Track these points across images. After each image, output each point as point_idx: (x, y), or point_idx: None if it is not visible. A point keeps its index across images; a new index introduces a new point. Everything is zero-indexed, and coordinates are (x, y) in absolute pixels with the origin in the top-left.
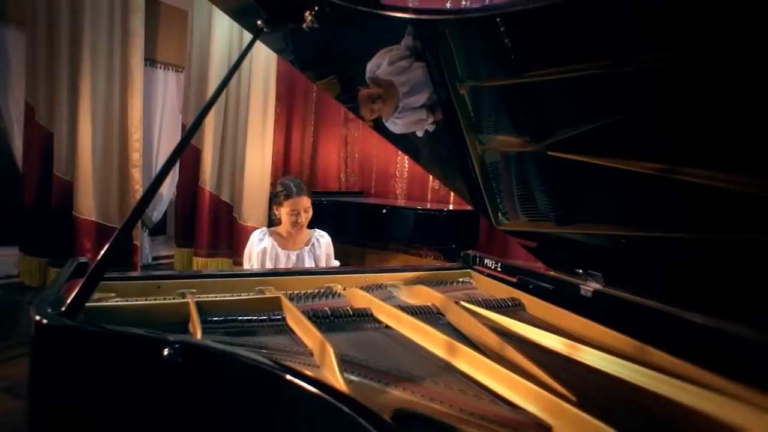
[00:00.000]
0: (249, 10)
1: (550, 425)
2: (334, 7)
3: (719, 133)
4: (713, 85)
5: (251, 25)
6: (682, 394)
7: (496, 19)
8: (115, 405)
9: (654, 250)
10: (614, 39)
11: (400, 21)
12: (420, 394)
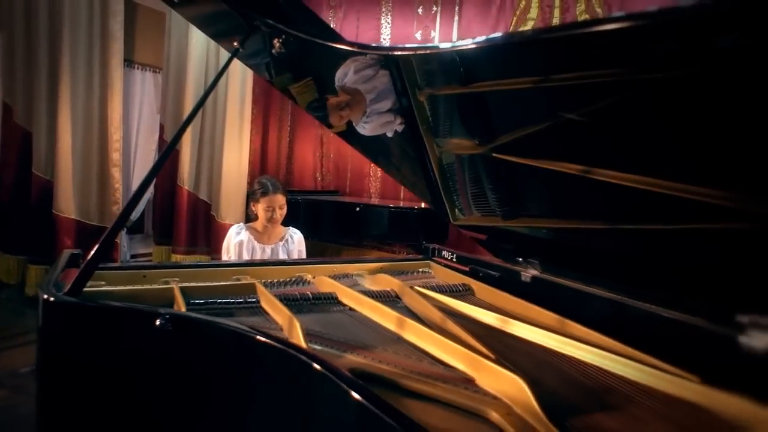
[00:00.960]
0: (227, 27)
1: (473, 377)
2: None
3: (624, 141)
4: (618, 100)
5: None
6: (588, 356)
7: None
8: (115, 369)
9: (580, 240)
10: (540, 62)
11: (352, 52)
12: (371, 358)
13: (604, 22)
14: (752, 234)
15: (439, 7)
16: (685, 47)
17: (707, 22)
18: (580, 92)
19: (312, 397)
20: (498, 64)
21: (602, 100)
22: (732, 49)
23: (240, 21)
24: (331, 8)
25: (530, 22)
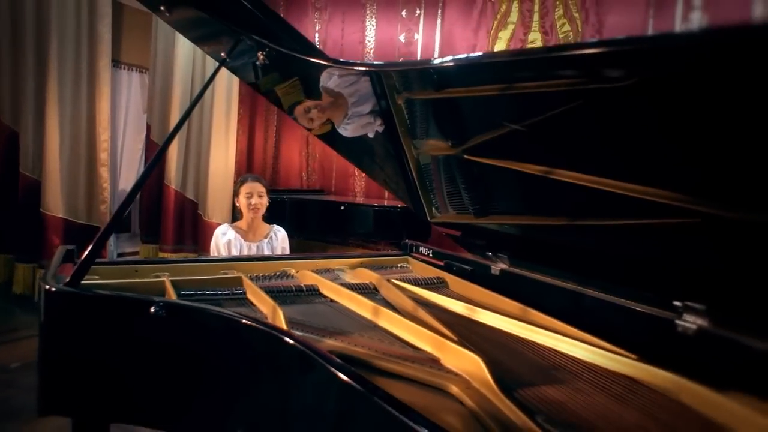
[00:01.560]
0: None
1: (438, 357)
2: (278, 51)
3: (578, 144)
4: (571, 108)
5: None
6: (544, 340)
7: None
8: (112, 352)
9: (543, 235)
10: (503, 73)
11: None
12: (347, 342)
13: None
14: (688, 228)
15: (422, 10)
16: (618, 70)
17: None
18: (538, 100)
19: (290, 372)
20: (466, 74)
21: (557, 107)
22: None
23: (226, 32)
24: (317, 10)
25: (510, 25)
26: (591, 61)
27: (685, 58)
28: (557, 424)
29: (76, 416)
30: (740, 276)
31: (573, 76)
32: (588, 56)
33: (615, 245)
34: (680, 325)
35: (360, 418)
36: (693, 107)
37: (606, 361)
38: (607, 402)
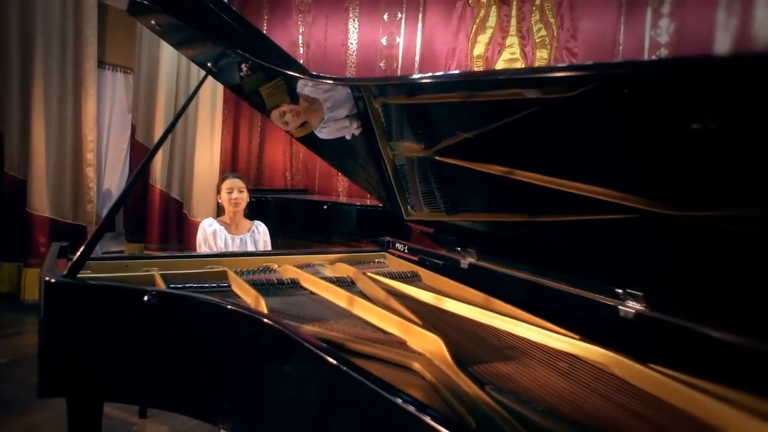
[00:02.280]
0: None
1: (405, 340)
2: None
3: (534, 148)
4: (526, 116)
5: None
6: (502, 324)
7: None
8: (106, 338)
9: (507, 230)
10: (465, 83)
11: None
12: (324, 327)
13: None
14: (629, 223)
15: (404, 14)
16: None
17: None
18: (499, 108)
19: (270, 350)
20: (435, 87)
21: (515, 114)
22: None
23: (213, 46)
24: (300, 13)
25: (489, 30)
26: (540, 81)
27: (618, 82)
28: (502, 392)
29: (73, 396)
30: (673, 265)
31: (525, 91)
32: (537, 79)
33: (567, 239)
34: (621, 310)
35: (329, 386)
36: (630, 119)
37: (554, 341)
38: (551, 375)
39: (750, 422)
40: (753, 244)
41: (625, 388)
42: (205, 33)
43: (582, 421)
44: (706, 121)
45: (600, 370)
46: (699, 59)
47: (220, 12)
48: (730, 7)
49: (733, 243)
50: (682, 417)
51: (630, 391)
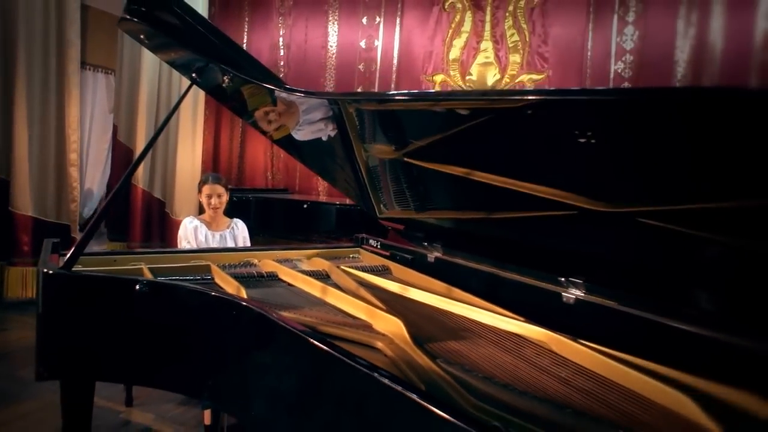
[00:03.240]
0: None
1: (370, 323)
2: (238, 77)
3: (489, 151)
4: (484, 123)
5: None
6: (459, 309)
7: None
8: (101, 324)
9: (469, 226)
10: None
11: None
12: (299, 314)
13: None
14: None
15: (382, 18)
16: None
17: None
18: (457, 115)
19: (249, 331)
20: (397, 101)
21: (472, 121)
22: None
23: (197, 59)
24: (281, 15)
25: (464, 34)
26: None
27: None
28: (450, 364)
29: (70, 378)
30: (607, 255)
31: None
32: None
33: (519, 234)
34: (564, 296)
35: (301, 359)
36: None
37: (503, 324)
38: (497, 351)
39: (658, 386)
40: (667, 235)
41: (560, 361)
42: (192, 48)
43: (515, 385)
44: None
45: (540, 347)
46: (613, 90)
47: (205, 30)
48: (689, 18)
49: (652, 235)
50: (606, 384)
51: (563, 364)
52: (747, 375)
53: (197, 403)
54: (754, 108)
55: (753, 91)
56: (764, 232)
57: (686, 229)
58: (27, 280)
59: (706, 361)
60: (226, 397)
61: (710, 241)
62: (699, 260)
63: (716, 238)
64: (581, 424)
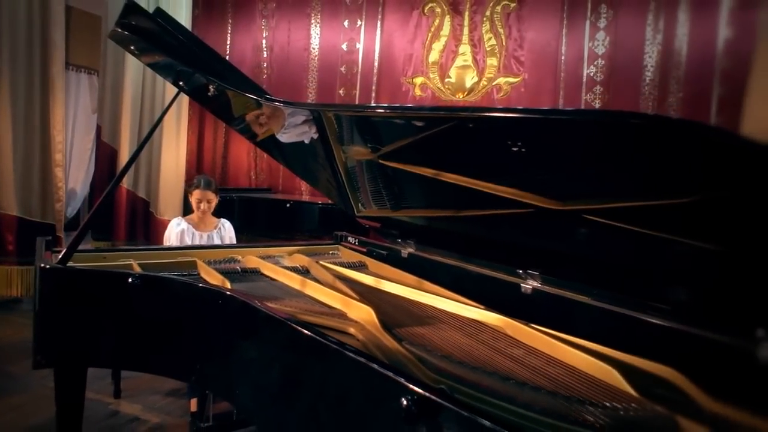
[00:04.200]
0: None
1: (345, 312)
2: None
3: (456, 154)
4: (448, 130)
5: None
6: (427, 299)
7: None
8: (96, 315)
9: (440, 224)
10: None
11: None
12: (280, 304)
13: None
14: (531, 216)
15: (363, 21)
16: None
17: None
18: (423, 122)
19: (233, 319)
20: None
21: (435, 129)
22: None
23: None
24: (264, 18)
25: (443, 38)
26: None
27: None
28: (414, 345)
29: (66, 365)
30: (562, 250)
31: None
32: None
33: (483, 230)
34: (522, 287)
35: (280, 342)
36: (515, 140)
37: (466, 312)
38: (457, 335)
39: (592, 361)
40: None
41: (513, 343)
42: (179, 59)
43: (469, 362)
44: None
45: (497, 331)
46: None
47: (191, 44)
48: (656, 25)
49: (595, 230)
50: (551, 361)
51: (516, 345)
52: (662, 349)
53: (183, 394)
54: (647, 131)
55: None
56: (677, 225)
57: (621, 224)
58: (12, 279)
59: (630, 337)
60: (213, 379)
61: (640, 234)
62: (631, 250)
63: (644, 231)
64: (519, 391)
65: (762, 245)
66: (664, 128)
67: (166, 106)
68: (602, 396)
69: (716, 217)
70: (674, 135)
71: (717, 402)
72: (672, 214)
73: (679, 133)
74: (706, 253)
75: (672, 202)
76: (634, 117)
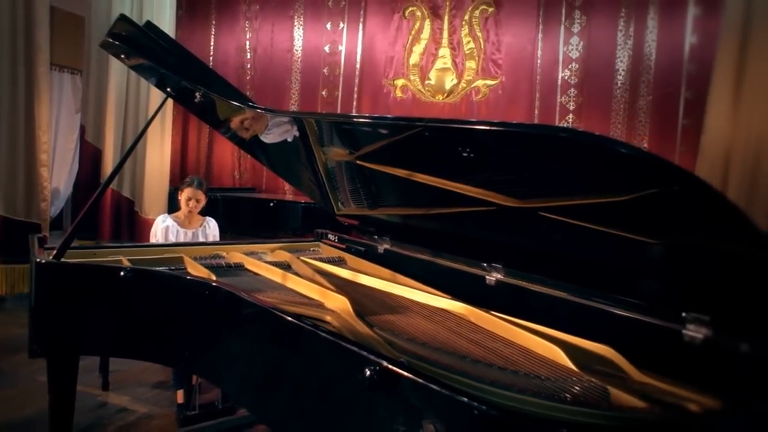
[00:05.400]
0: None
1: (323, 302)
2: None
3: (425, 157)
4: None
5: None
6: (399, 291)
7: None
8: (90, 307)
9: (413, 221)
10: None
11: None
12: (262, 295)
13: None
14: (493, 213)
15: (346, 24)
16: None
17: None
18: (388, 129)
19: (218, 306)
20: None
21: (400, 135)
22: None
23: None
24: (247, 19)
25: (423, 41)
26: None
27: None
28: (384, 330)
29: (60, 354)
30: (521, 244)
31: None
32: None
33: (452, 227)
34: (487, 279)
35: (262, 327)
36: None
37: (434, 301)
38: (424, 322)
39: (541, 342)
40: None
41: (475, 329)
42: (167, 68)
43: (432, 343)
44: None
45: (462, 318)
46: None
47: (179, 54)
48: (627, 31)
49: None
50: (507, 343)
51: (477, 331)
52: (603, 331)
53: (169, 386)
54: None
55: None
56: (612, 220)
57: (570, 219)
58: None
59: (577, 321)
60: (201, 364)
61: (585, 228)
62: (579, 243)
63: (589, 226)
64: (473, 367)
65: (680, 237)
66: (576, 140)
67: (154, 110)
68: (546, 371)
69: (642, 214)
70: (585, 146)
71: (645, 374)
72: (607, 211)
73: (583, 145)
74: (637, 244)
75: (604, 200)
76: (562, 131)
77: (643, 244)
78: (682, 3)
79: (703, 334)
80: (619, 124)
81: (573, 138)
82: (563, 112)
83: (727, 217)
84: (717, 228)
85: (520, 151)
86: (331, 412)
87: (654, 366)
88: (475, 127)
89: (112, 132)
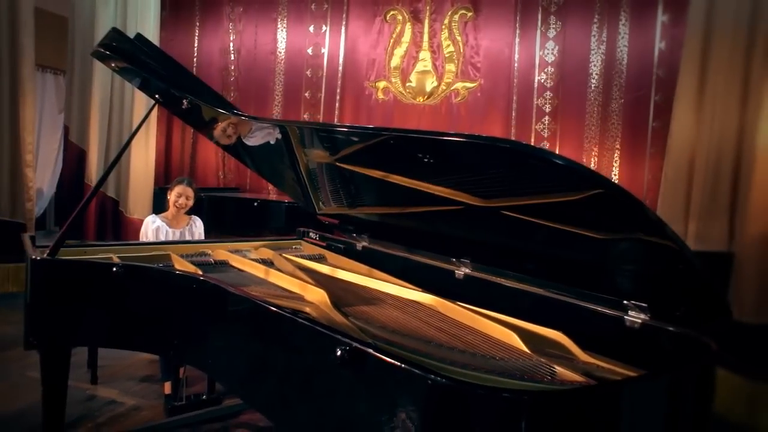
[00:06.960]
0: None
1: (302, 295)
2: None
3: (398, 159)
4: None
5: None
6: (374, 284)
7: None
8: (83, 301)
9: (389, 219)
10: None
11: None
12: (246, 290)
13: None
14: (462, 212)
15: (328, 27)
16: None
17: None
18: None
19: (206, 300)
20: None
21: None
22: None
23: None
24: (231, 21)
25: (404, 44)
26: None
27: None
28: (358, 319)
29: (52, 346)
30: (486, 240)
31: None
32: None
33: (424, 225)
34: (456, 273)
35: (246, 318)
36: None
37: (406, 294)
38: (397, 312)
39: (499, 328)
40: (517, 222)
41: (443, 318)
42: (155, 77)
43: (401, 330)
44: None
45: (431, 309)
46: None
47: (166, 63)
48: (600, 36)
49: (509, 223)
50: (470, 330)
51: (445, 320)
52: (557, 318)
53: (157, 380)
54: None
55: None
56: (563, 217)
57: (528, 217)
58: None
59: (534, 309)
60: (189, 351)
61: (541, 225)
62: (537, 239)
63: (544, 223)
64: (437, 350)
65: (613, 232)
66: (516, 150)
67: (138, 112)
68: (502, 353)
69: (583, 213)
70: (524, 155)
71: (590, 355)
72: (556, 210)
73: (522, 154)
74: (585, 239)
75: (552, 200)
76: (503, 142)
77: (589, 239)
78: (651, 10)
79: (641, 319)
80: (593, 126)
81: (513, 148)
82: (539, 114)
83: (639, 214)
84: (637, 223)
85: (473, 158)
86: (310, 391)
87: (599, 348)
88: (426, 137)
89: (97, 132)
